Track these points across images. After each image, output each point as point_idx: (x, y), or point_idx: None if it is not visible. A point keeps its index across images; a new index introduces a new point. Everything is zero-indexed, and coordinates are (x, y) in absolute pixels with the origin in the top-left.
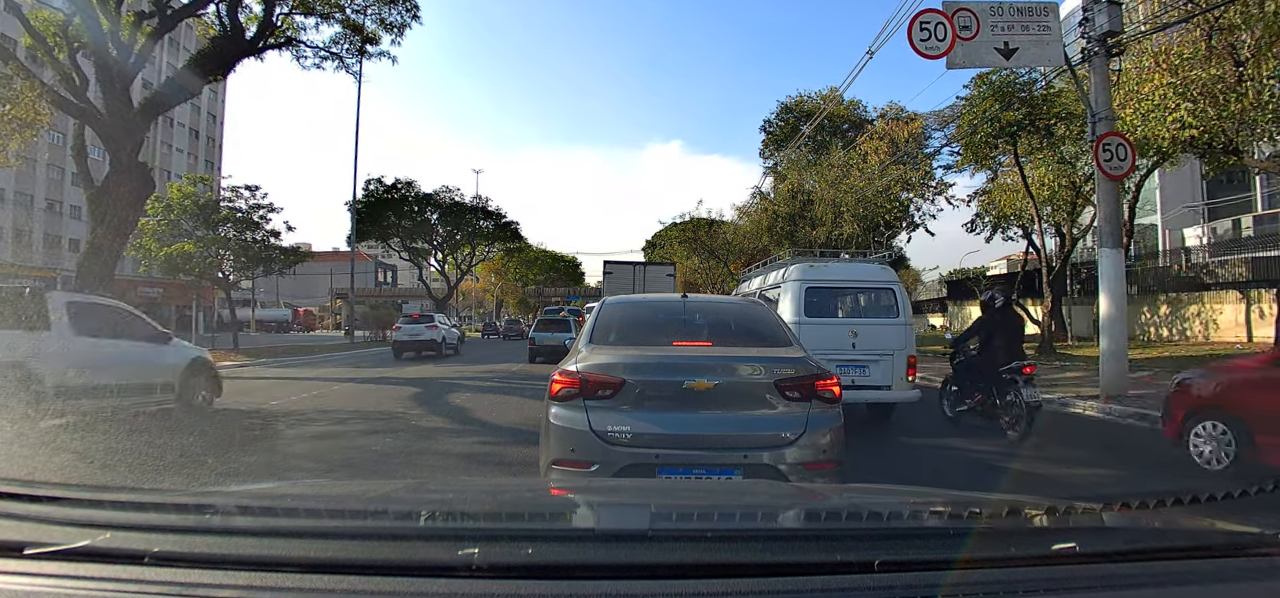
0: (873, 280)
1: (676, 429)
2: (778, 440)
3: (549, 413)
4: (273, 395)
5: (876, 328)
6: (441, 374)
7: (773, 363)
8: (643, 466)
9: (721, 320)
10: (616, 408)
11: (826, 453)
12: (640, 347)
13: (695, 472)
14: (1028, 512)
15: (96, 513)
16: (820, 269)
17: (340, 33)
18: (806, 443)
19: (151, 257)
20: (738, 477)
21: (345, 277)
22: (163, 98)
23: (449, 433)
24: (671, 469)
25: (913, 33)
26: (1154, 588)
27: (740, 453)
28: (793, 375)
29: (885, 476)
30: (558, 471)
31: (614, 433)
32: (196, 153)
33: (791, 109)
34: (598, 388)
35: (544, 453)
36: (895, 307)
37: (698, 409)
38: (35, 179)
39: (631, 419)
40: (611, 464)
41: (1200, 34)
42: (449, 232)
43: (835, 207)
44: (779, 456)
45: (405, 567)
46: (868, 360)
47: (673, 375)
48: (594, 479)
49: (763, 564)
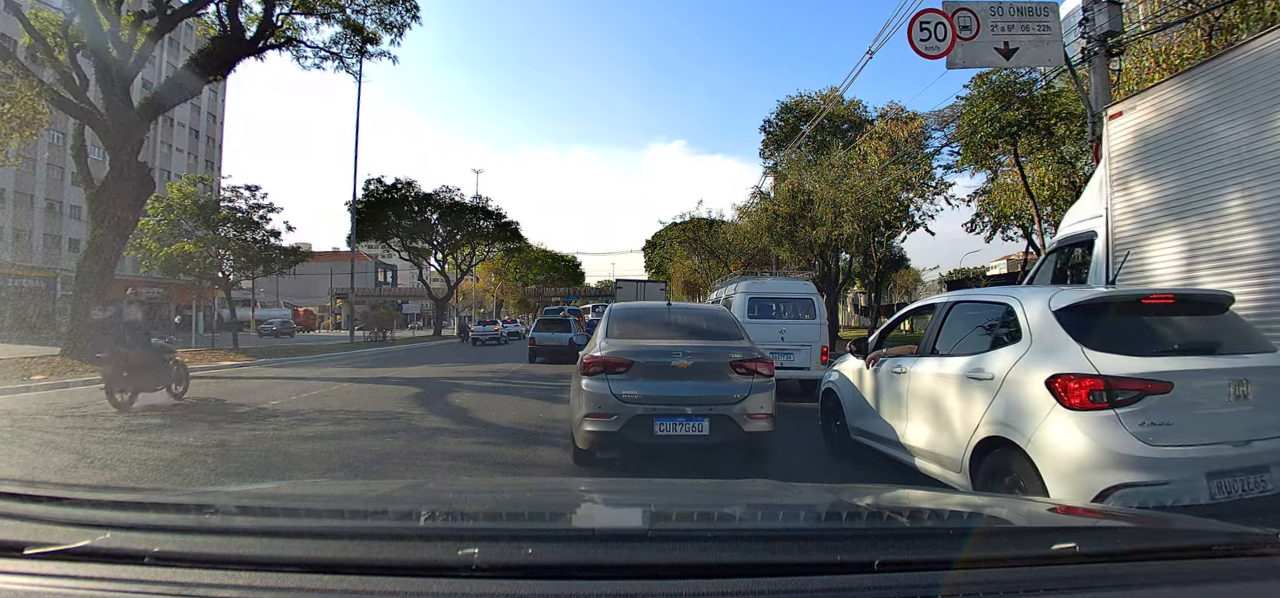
0: (797, 293)
1: (667, 393)
2: (732, 400)
3: (581, 383)
4: (271, 395)
5: (799, 326)
6: (442, 374)
7: (729, 350)
8: (644, 417)
9: (695, 321)
10: (627, 379)
11: (763, 409)
12: (642, 339)
13: (679, 420)
14: (1028, 512)
15: (96, 513)
16: (760, 284)
17: (340, 33)
18: (750, 403)
19: (152, 257)
20: (706, 424)
21: (345, 277)
22: (163, 98)
23: (449, 434)
24: (663, 419)
25: (913, 32)
26: (1154, 588)
27: (708, 408)
28: (741, 358)
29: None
30: (589, 423)
31: (625, 396)
32: (196, 152)
33: (791, 109)
34: (615, 367)
35: (577, 411)
36: (813, 312)
37: (681, 380)
38: (35, 179)
39: (637, 386)
40: (624, 416)
41: (1200, 34)
42: (449, 231)
43: (835, 206)
44: (732, 410)
45: (405, 567)
46: (793, 349)
47: (664, 358)
48: (594, 479)
49: (762, 564)
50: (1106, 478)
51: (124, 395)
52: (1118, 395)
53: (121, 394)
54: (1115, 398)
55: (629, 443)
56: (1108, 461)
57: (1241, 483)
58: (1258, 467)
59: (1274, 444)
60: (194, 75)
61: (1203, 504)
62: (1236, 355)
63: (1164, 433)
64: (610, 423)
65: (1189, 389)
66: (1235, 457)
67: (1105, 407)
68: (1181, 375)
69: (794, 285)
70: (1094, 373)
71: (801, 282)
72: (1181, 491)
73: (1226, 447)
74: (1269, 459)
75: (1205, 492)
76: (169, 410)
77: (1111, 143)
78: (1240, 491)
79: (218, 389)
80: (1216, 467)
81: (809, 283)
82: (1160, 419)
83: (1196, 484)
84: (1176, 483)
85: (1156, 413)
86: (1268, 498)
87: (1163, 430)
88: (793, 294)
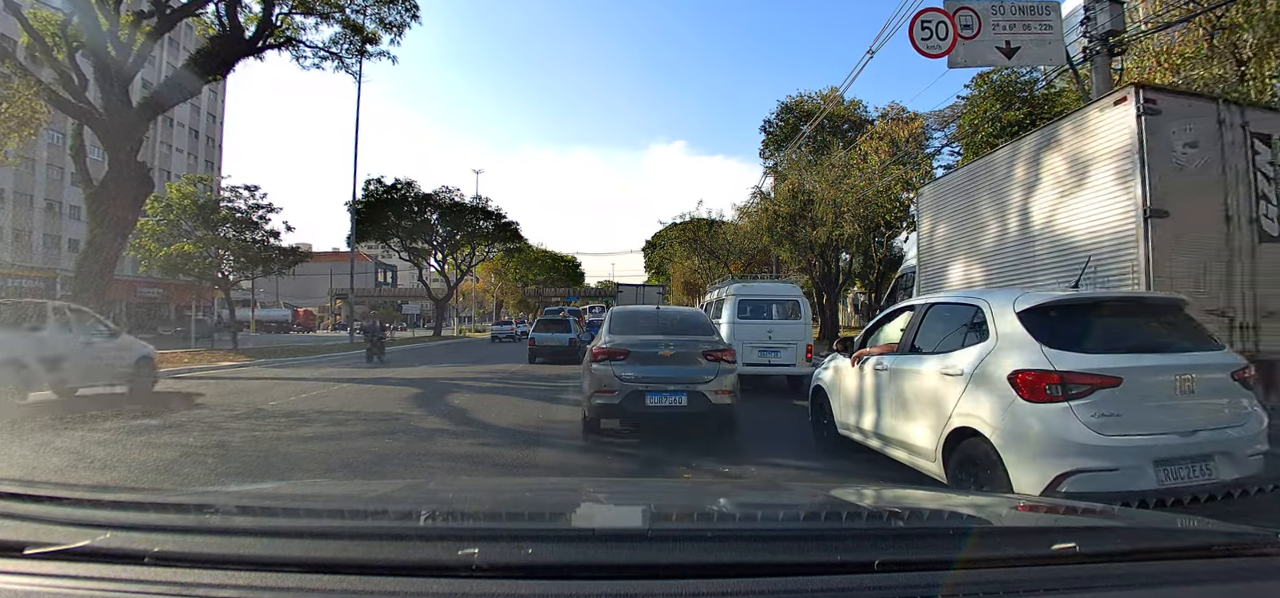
0: (784, 295)
1: (655, 374)
2: (704, 380)
3: (591, 367)
4: (271, 396)
5: (786, 326)
6: (441, 375)
7: (701, 343)
8: (639, 392)
9: (677, 321)
10: (625, 364)
11: (726, 387)
12: (636, 334)
13: (665, 394)
14: (1028, 512)
15: (96, 513)
16: (749, 287)
17: (340, 33)
18: (716, 382)
19: (151, 257)
20: (685, 397)
21: (345, 277)
22: (162, 97)
23: (448, 435)
24: (653, 393)
25: (914, 31)
26: (1154, 588)
27: (686, 385)
28: (710, 349)
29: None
30: (597, 397)
31: (624, 377)
32: (196, 153)
33: (792, 109)
34: (616, 355)
35: (588, 388)
36: (799, 312)
37: (665, 365)
38: (35, 179)
39: (633, 369)
40: (623, 392)
41: (1202, 33)
42: (449, 232)
43: (836, 206)
44: (703, 387)
45: (405, 567)
46: (780, 347)
47: (653, 348)
48: (594, 479)
49: (762, 564)
50: (1061, 465)
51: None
52: (1072, 389)
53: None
54: (1069, 391)
55: (627, 413)
56: (1062, 448)
57: (1187, 470)
58: (1202, 455)
59: (1217, 435)
60: (193, 75)
61: (1150, 489)
62: (1184, 352)
63: (1114, 424)
64: (613, 397)
65: (1138, 383)
66: (1181, 446)
67: (1060, 399)
68: (1131, 371)
69: (781, 288)
70: (1050, 368)
71: (788, 285)
72: (1130, 477)
73: (1173, 436)
74: (1212, 448)
75: (1153, 478)
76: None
77: (920, 208)
78: (1186, 477)
79: (201, 389)
80: (1163, 455)
81: (795, 286)
82: (1111, 411)
83: (1144, 471)
84: (1125, 470)
85: (1107, 405)
86: (1212, 485)
87: (1113, 420)
88: (780, 296)
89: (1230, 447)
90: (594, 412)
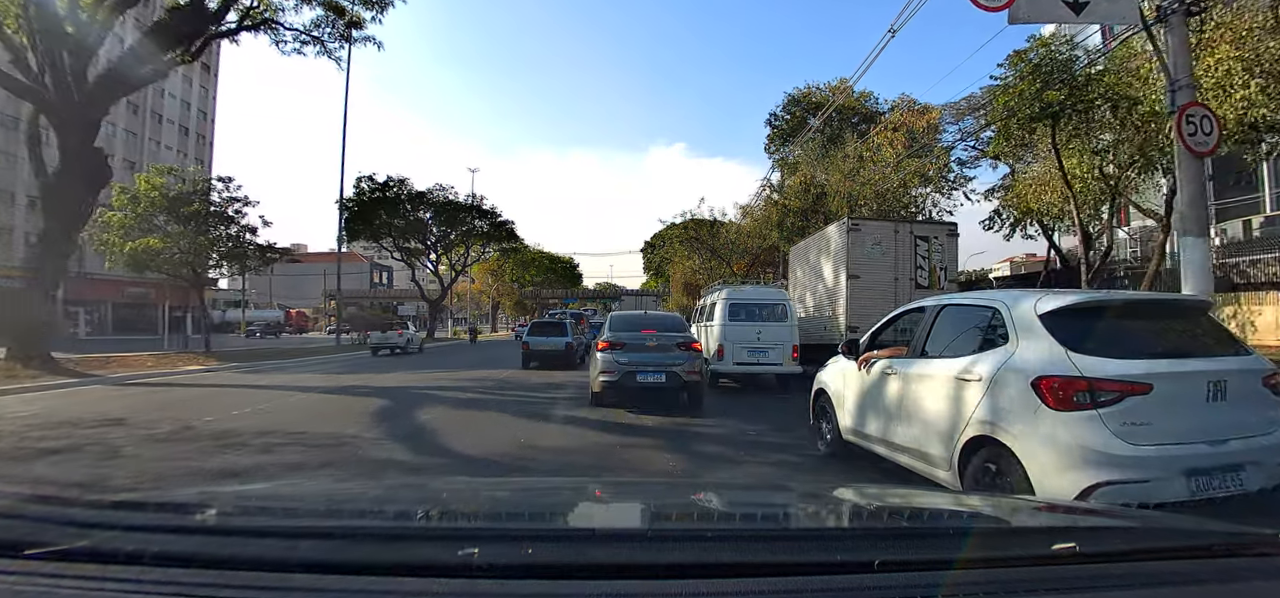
0: (771, 299)
1: (643, 360)
2: (678, 363)
3: (597, 355)
4: (211, 409)
5: (774, 328)
6: (417, 382)
7: (676, 336)
8: (631, 372)
9: (659, 321)
10: (622, 352)
11: (695, 368)
12: (630, 331)
13: (650, 374)
14: (1028, 512)
15: (96, 513)
16: (740, 291)
17: (321, 15)
18: (687, 365)
19: (117, 252)
20: (664, 376)
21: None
22: (119, 76)
23: (402, 468)
24: (641, 373)
25: None
26: (1154, 588)
27: (665, 367)
28: (682, 341)
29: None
30: (601, 376)
31: (620, 360)
32: (186, 150)
33: (799, 101)
34: (615, 346)
35: (593, 371)
36: (786, 315)
37: (650, 352)
38: (15, 175)
39: (627, 356)
40: (620, 372)
41: (1269, 1)
42: (443, 231)
43: (850, 200)
44: (677, 368)
45: (405, 567)
46: (768, 347)
47: (641, 340)
48: (594, 479)
49: (762, 564)
50: (1089, 476)
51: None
52: (1100, 396)
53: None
54: (1098, 399)
55: (622, 388)
56: (1091, 459)
57: (1218, 481)
58: (1233, 465)
59: (1248, 443)
60: (154, 49)
61: (1182, 501)
62: (1213, 357)
63: (1144, 433)
64: (612, 376)
65: (1168, 390)
66: (1212, 455)
67: (1089, 407)
68: (1160, 377)
69: (768, 292)
70: (1078, 375)
71: (775, 289)
72: (1161, 488)
73: (1203, 446)
74: (1244, 458)
75: (1184, 489)
76: None
77: (792, 260)
78: (1217, 488)
79: (138, 400)
80: (1194, 465)
81: (783, 292)
82: (1140, 419)
83: (1175, 482)
84: (1156, 481)
85: (1137, 413)
86: (1244, 495)
87: (1143, 430)
88: (768, 300)
89: (1260, 456)
90: (599, 387)
